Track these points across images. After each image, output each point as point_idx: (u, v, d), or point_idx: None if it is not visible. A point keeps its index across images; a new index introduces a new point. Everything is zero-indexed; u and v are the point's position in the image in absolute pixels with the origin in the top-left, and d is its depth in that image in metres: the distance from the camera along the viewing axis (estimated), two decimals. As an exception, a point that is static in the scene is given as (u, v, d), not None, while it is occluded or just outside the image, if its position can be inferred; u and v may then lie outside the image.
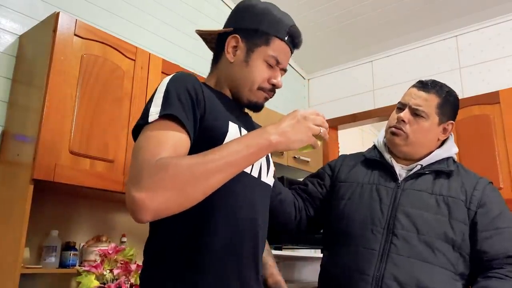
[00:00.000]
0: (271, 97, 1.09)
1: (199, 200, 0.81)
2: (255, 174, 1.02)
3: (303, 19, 3.32)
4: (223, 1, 3.20)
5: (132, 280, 1.83)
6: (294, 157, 3.12)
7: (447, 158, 1.35)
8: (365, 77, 3.66)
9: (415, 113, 1.31)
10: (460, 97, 2.94)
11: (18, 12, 2.03)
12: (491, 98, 2.66)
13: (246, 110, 1.14)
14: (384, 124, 1.47)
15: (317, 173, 1.52)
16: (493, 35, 3.05)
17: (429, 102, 1.31)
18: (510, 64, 2.93)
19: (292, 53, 1.11)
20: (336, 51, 3.71)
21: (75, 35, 1.85)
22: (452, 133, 1.42)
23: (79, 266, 1.87)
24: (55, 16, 1.81)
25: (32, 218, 1.67)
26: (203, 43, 1.17)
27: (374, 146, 1.45)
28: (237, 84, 1.05)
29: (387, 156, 1.36)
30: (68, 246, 1.92)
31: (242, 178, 0.95)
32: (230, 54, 1.05)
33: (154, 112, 0.86)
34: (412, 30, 3.31)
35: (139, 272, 1.85)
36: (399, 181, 1.30)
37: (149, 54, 2.16)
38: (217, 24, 3.07)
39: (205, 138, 0.90)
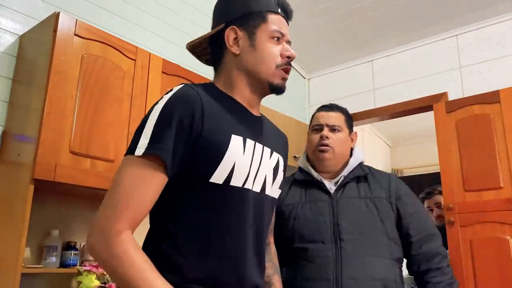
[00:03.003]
0: (288, 73, 1.05)
1: None
2: (249, 186, 0.97)
3: (303, 19, 3.32)
4: (223, 1, 3.20)
5: (133, 280, 1.83)
6: (294, 156, 3.12)
7: (359, 164, 1.61)
8: (365, 77, 3.67)
9: (333, 129, 1.59)
10: (460, 96, 3.00)
11: (19, 12, 2.04)
12: (491, 98, 2.66)
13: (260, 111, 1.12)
14: (384, 124, 1.55)
15: None
16: (493, 34, 3.05)
17: (339, 119, 1.62)
18: (510, 64, 2.93)
19: (287, 23, 1.09)
20: (336, 50, 3.71)
21: (75, 35, 1.85)
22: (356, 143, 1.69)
23: (80, 265, 1.87)
24: (56, 16, 1.82)
25: (33, 218, 1.67)
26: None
27: (300, 168, 1.67)
28: (253, 71, 1.02)
29: (315, 174, 1.58)
30: (69, 246, 1.92)
31: (240, 194, 0.95)
32: (234, 46, 1.02)
33: (142, 145, 0.87)
34: (412, 29, 3.31)
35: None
36: (331, 194, 1.52)
37: (150, 54, 2.16)
38: (217, 24, 3.06)
39: (205, 155, 0.91)
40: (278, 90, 1.04)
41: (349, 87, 3.73)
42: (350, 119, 1.68)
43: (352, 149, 1.66)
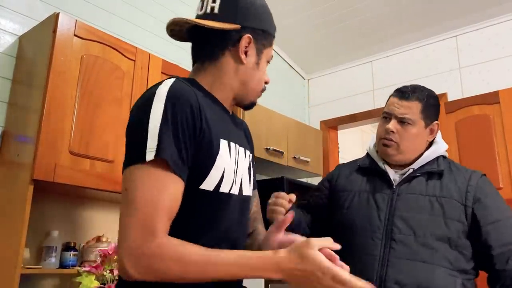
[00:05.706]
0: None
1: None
2: (235, 191, 0.95)
3: (303, 19, 3.32)
4: (223, 2, 3.20)
5: (132, 280, 1.83)
6: (294, 157, 3.12)
7: (437, 158, 1.39)
8: (364, 77, 3.67)
9: (402, 121, 1.36)
10: (459, 97, 3.00)
11: (18, 13, 2.04)
12: (491, 98, 2.66)
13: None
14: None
15: (316, 187, 1.57)
16: (492, 35, 3.05)
17: (412, 110, 1.36)
18: (510, 64, 2.93)
19: None
20: (336, 51, 3.71)
21: (75, 35, 1.85)
22: (439, 131, 1.45)
23: (79, 266, 1.87)
24: (55, 16, 1.82)
25: (32, 218, 1.67)
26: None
27: (367, 154, 1.49)
28: (247, 87, 1.00)
29: (380, 163, 1.41)
30: (68, 247, 1.92)
31: (227, 200, 0.93)
32: (243, 55, 0.97)
33: (151, 148, 0.80)
34: (412, 30, 3.31)
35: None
36: (394, 187, 1.35)
37: (149, 54, 2.17)
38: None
39: (198, 159, 0.86)
40: (251, 106, 1.06)
41: (349, 87, 3.74)
42: (431, 108, 1.39)
43: (432, 141, 1.43)
